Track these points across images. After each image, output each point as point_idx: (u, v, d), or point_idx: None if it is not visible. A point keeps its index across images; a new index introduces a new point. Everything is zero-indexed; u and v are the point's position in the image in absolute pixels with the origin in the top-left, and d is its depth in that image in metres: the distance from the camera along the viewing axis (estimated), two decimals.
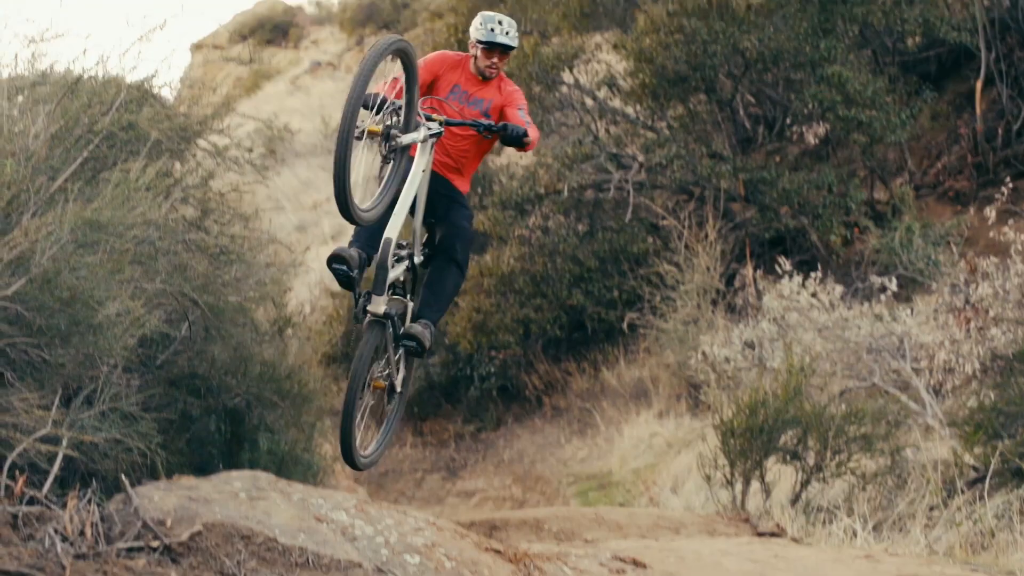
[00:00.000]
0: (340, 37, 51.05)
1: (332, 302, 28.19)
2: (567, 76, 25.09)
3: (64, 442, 10.53)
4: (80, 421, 11.64)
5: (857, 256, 22.61)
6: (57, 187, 12.66)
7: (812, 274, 19.69)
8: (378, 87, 8.10)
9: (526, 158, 25.80)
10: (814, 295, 19.31)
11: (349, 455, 8.24)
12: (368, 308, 8.03)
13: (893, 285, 19.49)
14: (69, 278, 11.25)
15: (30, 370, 11.80)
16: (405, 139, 7.81)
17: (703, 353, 20.28)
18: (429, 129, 8.15)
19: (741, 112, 25.33)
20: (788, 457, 15.41)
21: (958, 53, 24.39)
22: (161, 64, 15.62)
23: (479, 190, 25.57)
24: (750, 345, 19.64)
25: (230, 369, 15.89)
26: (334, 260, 7.84)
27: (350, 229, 8.21)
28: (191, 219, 14.60)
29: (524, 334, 24.54)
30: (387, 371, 8.58)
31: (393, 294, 8.41)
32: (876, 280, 19.99)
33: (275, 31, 54.84)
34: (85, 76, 13.64)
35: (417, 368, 9.49)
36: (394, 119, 7.84)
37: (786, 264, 20.25)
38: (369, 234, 8.06)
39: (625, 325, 23.89)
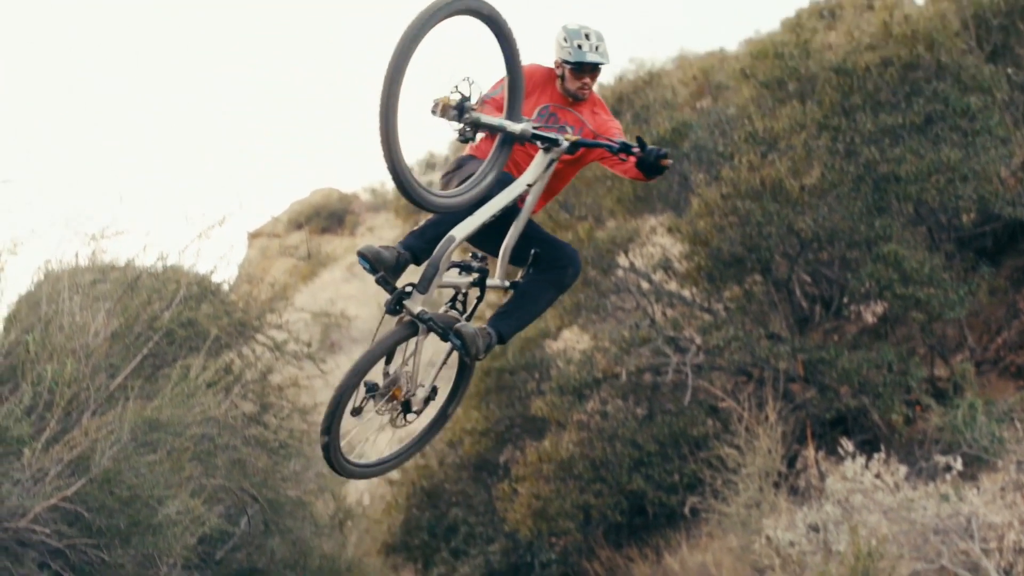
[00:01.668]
0: (396, 223, 51.52)
1: (391, 489, 28.06)
2: (622, 260, 25.15)
3: None
4: None
5: (920, 435, 22.31)
6: (117, 385, 12.72)
7: (875, 455, 19.44)
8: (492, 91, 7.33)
9: (583, 342, 25.77)
10: (878, 476, 19.03)
11: (327, 453, 7.20)
12: (404, 302, 7.02)
13: (958, 464, 19.16)
14: (129, 477, 11.25)
15: (89, 571, 11.73)
16: (486, 118, 6.87)
17: (767, 537, 19.96)
18: (532, 128, 7.06)
19: (798, 292, 25.29)
20: None
21: (1014, 227, 24.32)
22: (219, 261, 15.75)
23: (536, 375, 25.56)
24: (815, 528, 19.32)
25: (289, 563, 15.82)
26: (360, 255, 6.97)
27: (406, 425, 7.61)
28: (250, 414, 14.68)
29: (585, 520, 24.26)
30: (411, 382, 7.44)
31: (451, 307, 7.49)
32: (940, 459, 19.69)
33: (331, 218, 55.49)
34: (144, 274, 13.84)
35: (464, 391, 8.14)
36: (471, 89, 6.83)
37: (848, 445, 20.00)
38: (439, 233, 7.04)
39: (687, 509, 23.57)
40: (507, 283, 7.62)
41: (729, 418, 23.52)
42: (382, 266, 6.92)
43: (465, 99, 6.76)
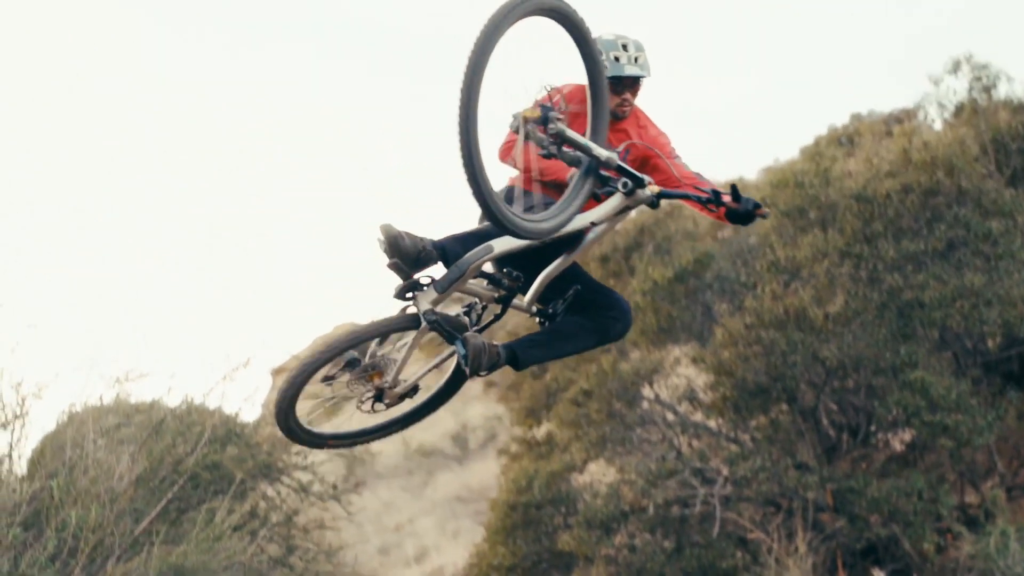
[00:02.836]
0: (419, 356, 51.39)
1: None
2: (647, 391, 25.07)
3: None
4: None
5: (952, 563, 22.04)
6: (142, 530, 12.65)
7: None
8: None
9: (609, 475, 25.58)
10: None
11: (279, 408, 6.76)
12: (416, 293, 6.52)
13: None
14: None
15: None
16: (572, 134, 6.19)
17: None
18: (619, 160, 6.39)
19: (824, 420, 25.13)
20: None
21: None
22: (244, 402, 15.75)
23: (563, 509, 25.35)
24: None
25: None
26: (379, 231, 6.34)
27: (433, 562, 7.27)
28: (276, 557, 14.58)
29: None
30: (398, 374, 7.00)
31: (465, 314, 6.88)
32: None
33: None
34: (169, 416, 13.84)
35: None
36: (557, 102, 6.19)
37: (880, 575, 19.77)
38: (485, 240, 6.50)
39: None
40: (534, 309, 7.08)
41: (758, 550, 23.27)
42: (398, 253, 6.36)
43: (549, 109, 6.16)
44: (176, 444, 13.57)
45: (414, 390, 7.24)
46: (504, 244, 6.38)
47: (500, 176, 7.24)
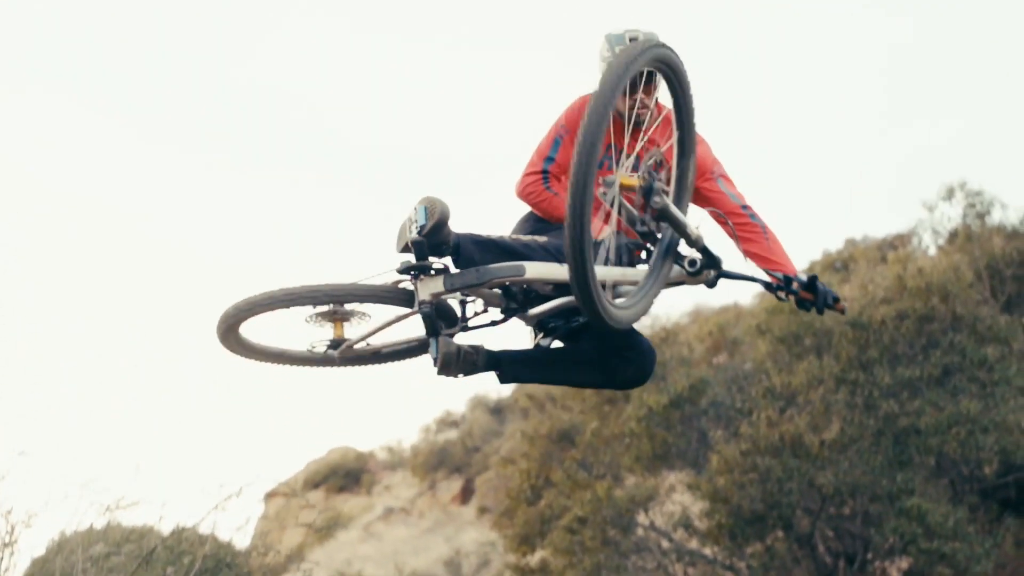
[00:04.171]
0: (412, 482, 51.35)
1: None
2: (642, 518, 24.90)
3: None
4: None
5: None
6: None
7: None
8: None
9: None
10: None
11: (225, 317, 6.09)
12: (420, 275, 5.83)
13: None
14: None
15: None
16: (676, 211, 5.47)
17: None
18: (702, 238, 5.73)
19: (821, 547, 24.95)
20: None
21: None
22: (236, 532, 15.58)
23: None
24: None
25: None
26: (426, 202, 5.71)
27: None
28: None
29: None
30: (367, 337, 6.34)
31: (460, 303, 6.08)
32: None
33: (348, 477, 55.19)
34: (159, 546, 13.72)
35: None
36: (658, 172, 5.48)
37: None
38: (505, 255, 5.84)
39: None
40: (534, 320, 6.21)
41: None
42: (431, 235, 5.74)
43: (655, 179, 5.42)
44: (166, 574, 13.44)
45: (374, 354, 6.61)
46: (537, 271, 5.73)
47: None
